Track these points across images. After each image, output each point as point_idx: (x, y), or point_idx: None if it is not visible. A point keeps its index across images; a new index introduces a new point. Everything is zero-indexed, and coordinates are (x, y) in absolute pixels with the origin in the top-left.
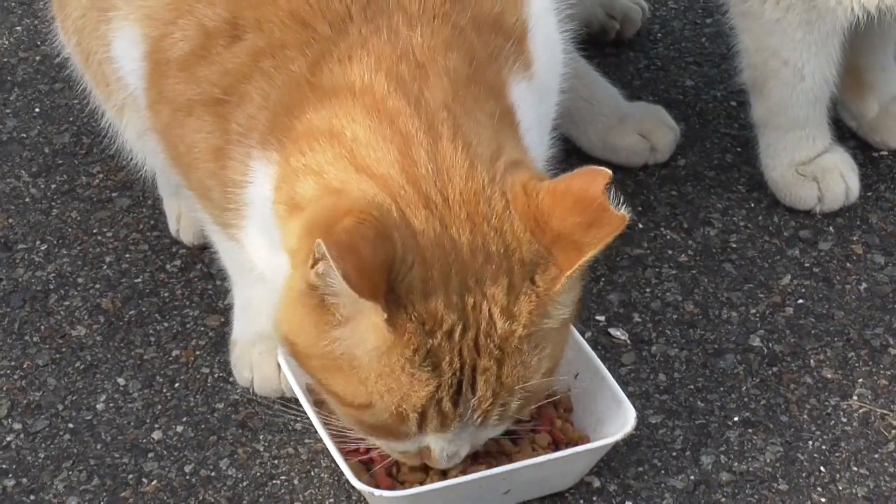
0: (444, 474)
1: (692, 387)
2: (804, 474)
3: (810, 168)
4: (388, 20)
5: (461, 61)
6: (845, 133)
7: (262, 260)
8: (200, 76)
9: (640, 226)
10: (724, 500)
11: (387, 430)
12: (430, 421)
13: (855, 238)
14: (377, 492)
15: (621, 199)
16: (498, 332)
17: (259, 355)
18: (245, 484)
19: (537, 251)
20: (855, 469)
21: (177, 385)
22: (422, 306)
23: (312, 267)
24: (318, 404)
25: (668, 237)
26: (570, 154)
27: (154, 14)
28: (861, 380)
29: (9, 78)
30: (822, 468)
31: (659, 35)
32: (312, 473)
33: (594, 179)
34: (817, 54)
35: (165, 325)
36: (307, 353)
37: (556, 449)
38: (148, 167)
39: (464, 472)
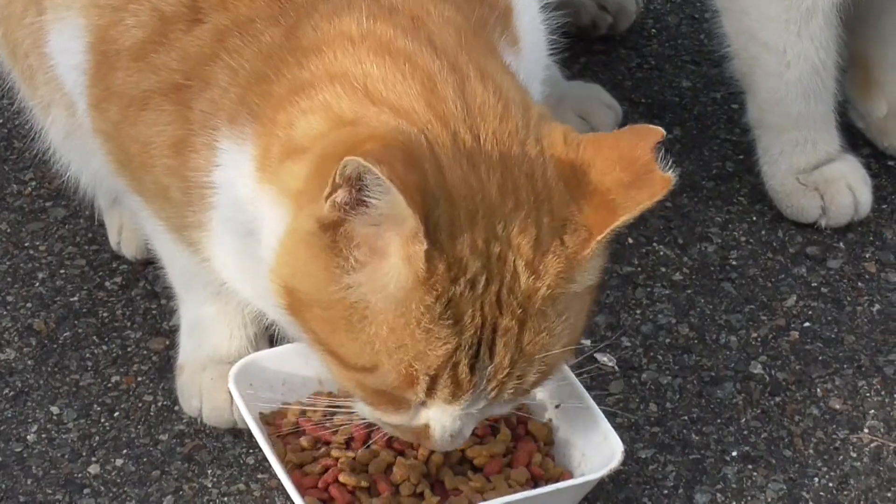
0: None
1: (686, 418)
2: None
3: (812, 177)
4: None
5: (457, 14)
6: (858, 140)
7: (227, 263)
8: (158, 63)
9: (631, 241)
10: None
11: (389, 397)
12: (442, 388)
13: (867, 255)
14: None
15: (670, 162)
16: (522, 288)
17: (210, 381)
18: None
19: (568, 206)
20: None
21: (116, 414)
22: (449, 246)
23: (329, 196)
24: (273, 436)
25: (662, 253)
26: None
27: (99, 1)
28: (872, 411)
29: None
30: None
31: (653, 31)
32: None
33: (645, 136)
34: (799, 36)
35: (104, 348)
36: (309, 304)
37: (535, 486)
38: (73, 173)
39: None
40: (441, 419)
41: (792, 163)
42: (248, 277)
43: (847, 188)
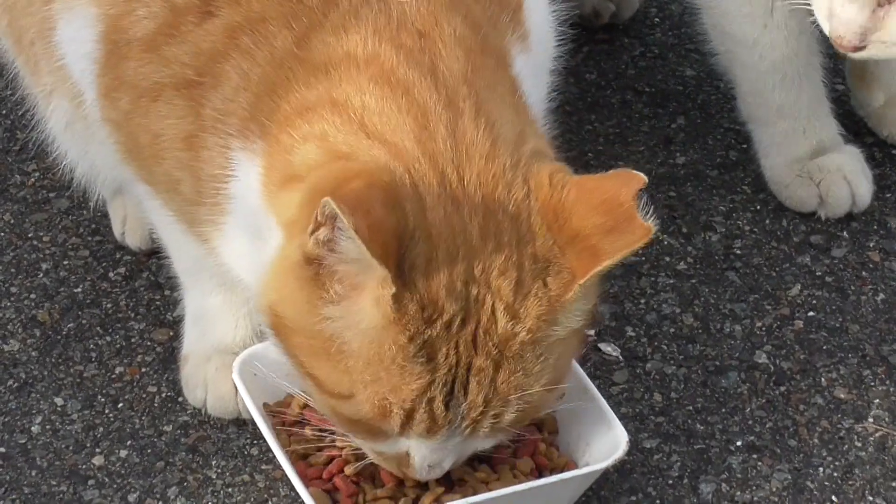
0: (415, 502)
1: (691, 408)
2: None
3: (808, 167)
4: None
5: (467, 28)
6: (863, 129)
7: (239, 260)
8: (169, 56)
9: (619, 262)
10: None
11: (366, 426)
12: (418, 423)
13: (872, 244)
14: None
15: (651, 210)
16: (499, 332)
17: (215, 371)
18: None
19: (552, 249)
20: (870, 498)
21: (120, 405)
22: (424, 288)
23: (313, 233)
24: (278, 426)
25: (666, 243)
26: None
27: None
28: (877, 400)
29: None
30: (833, 497)
31: (656, 20)
32: (270, 503)
33: (627, 182)
34: (766, 27)
35: (108, 339)
36: (293, 329)
37: (540, 476)
38: (71, 160)
39: (438, 501)
40: (420, 451)
41: (786, 153)
42: (257, 273)
43: (843, 179)
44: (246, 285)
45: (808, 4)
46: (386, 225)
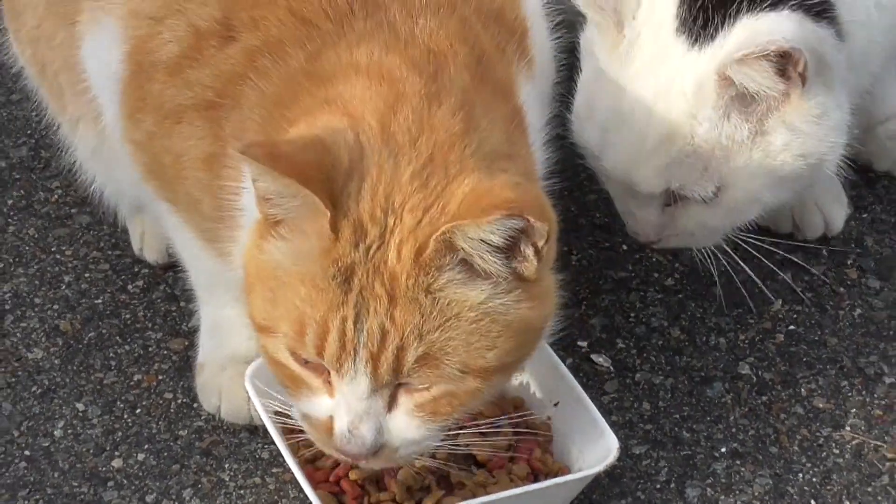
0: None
1: (678, 416)
2: None
3: None
4: (389, 14)
5: (470, 56)
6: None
7: None
8: (192, 79)
9: (625, 247)
10: None
11: (290, 373)
12: (331, 344)
13: (849, 262)
14: None
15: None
16: (388, 265)
17: (229, 380)
18: None
19: (457, 216)
20: (847, 503)
21: (138, 411)
22: (355, 213)
23: (254, 183)
24: (287, 432)
25: (654, 259)
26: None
27: (140, 11)
28: (854, 410)
29: None
30: (812, 501)
31: None
32: None
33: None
34: None
35: (127, 348)
36: (249, 280)
37: (535, 480)
38: (98, 184)
39: None
40: (339, 410)
41: None
42: None
43: (816, 207)
44: None
45: None
46: (308, 163)
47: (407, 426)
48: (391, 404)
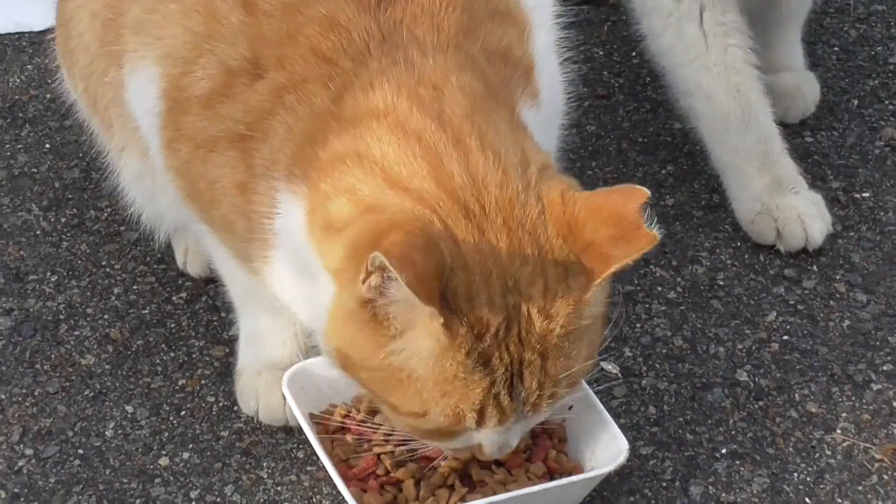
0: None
1: (681, 419)
2: None
3: (768, 205)
4: (403, 52)
5: (475, 81)
6: (829, 174)
7: (286, 290)
8: (224, 113)
9: (631, 263)
10: None
11: (442, 432)
12: (490, 418)
13: (838, 277)
14: None
15: (655, 220)
16: (537, 330)
17: (265, 385)
18: None
19: (568, 257)
20: (839, 501)
21: (183, 413)
22: (469, 310)
23: (365, 281)
24: (321, 433)
25: (658, 274)
26: None
27: (174, 53)
28: (844, 414)
29: (20, 115)
30: (807, 499)
31: (647, 80)
32: (314, 500)
33: (631, 197)
34: (706, 70)
35: (172, 354)
36: (361, 366)
37: (551, 479)
38: (138, 206)
39: (462, 500)
40: (491, 438)
41: (747, 191)
42: (303, 302)
43: (798, 219)
44: (293, 312)
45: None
46: (429, 269)
47: (543, 416)
48: None
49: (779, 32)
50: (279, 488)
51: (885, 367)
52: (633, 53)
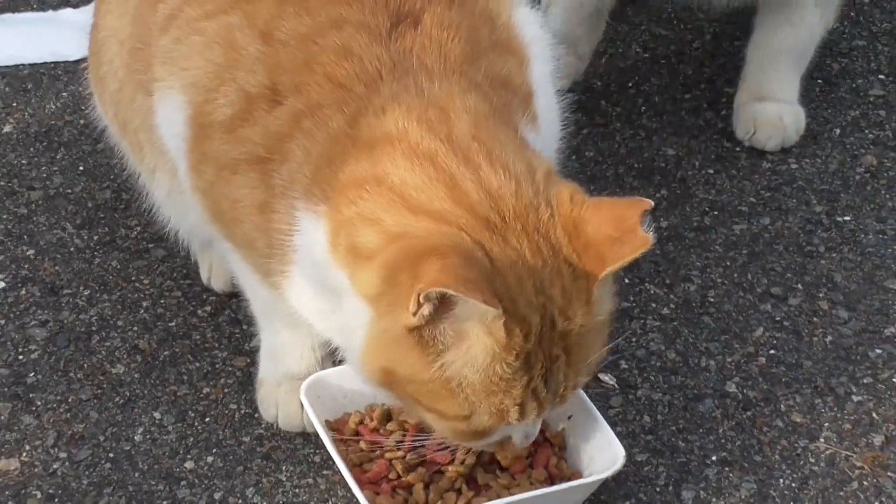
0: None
1: (674, 428)
2: None
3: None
4: (413, 78)
5: (479, 102)
6: (812, 198)
7: (304, 304)
8: (244, 137)
9: (627, 281)
10: None
11: (481, 432)
12: (530, 411)
13: (821, 295)
14: None
15: (653, 228)
16: (559, 330)
17: (285, 394)
18: None
19: (573, 256)
20: None
21: (207, 419)
22: (514, 312)
23: (416, 313)
24: (337, 439)
25: (652, 292)
26: None
27: (198, 82)
28: (827, 424)
29: (56, 139)
30: None
31: (643, 108)
32: (330, 502)
33: (635, 205)
34: None
35: (197, 364)
36: (409, 381)
37: (552, 483)
38: (173, 223)
39: (469, 503)
40: (521, 430)
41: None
42: (321, 314)
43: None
44: (310, 325)
45: None
46: (481, 279)
47: (563, 406)
48: None
49: (770, 63)
50: (297, 490)
51: (865, 380)
52: (630, 84)
